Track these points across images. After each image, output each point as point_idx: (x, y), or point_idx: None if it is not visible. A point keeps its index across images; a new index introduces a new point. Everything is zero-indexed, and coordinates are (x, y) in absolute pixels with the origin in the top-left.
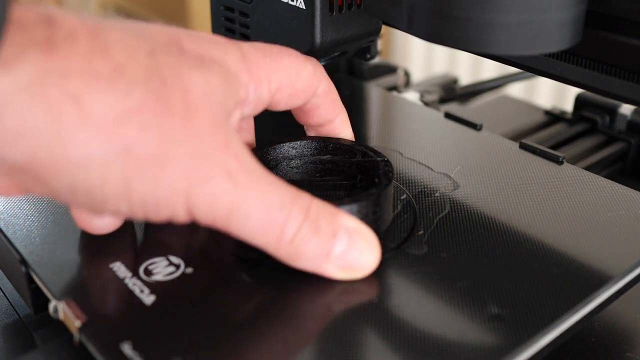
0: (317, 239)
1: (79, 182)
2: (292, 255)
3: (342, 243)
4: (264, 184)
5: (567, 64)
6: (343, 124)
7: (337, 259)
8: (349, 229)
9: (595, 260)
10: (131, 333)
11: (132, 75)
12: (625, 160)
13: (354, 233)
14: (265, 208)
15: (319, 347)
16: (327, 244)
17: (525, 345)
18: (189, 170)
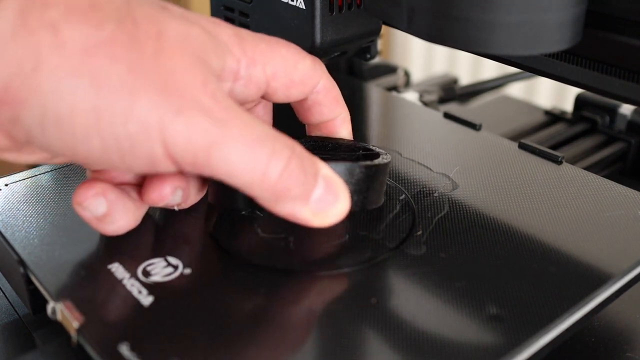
0: (303, 178)
1: (49, 111)
2: (276, 194)
3: (320, 188)
4: (244, 119)
5: (567, 64)
6: (343, 123)
7: (315, 203)
8: (325, 176)
9: (594, 260)
10: (129, 334)
11: (106, 12)
12: (625, 160)
13: (329, 180)
14: (249, 142)
15: (319, 348)
16: (310, 185)
17: (524, 345)
18: (160, 102)
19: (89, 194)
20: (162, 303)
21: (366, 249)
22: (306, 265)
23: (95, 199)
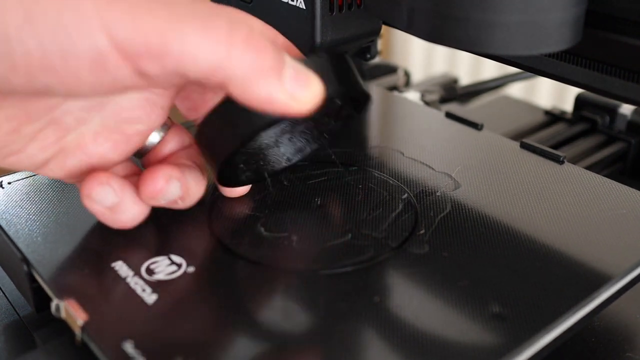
0: (270, 47)
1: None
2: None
3: (289, 69)
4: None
5: (567, 64)
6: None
7: (289, 83)
8: (292, 64)
9: (596, 259)
10: (133, 332)
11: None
12: (625, 160)
13: (294, 64)
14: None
15: (320, 347)
16: (279, 57)
17: (526, 344)
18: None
19: (95, 184)
20: (165, 301)
21: (369, 248)
22: (309, 264)
23: (102, 188)
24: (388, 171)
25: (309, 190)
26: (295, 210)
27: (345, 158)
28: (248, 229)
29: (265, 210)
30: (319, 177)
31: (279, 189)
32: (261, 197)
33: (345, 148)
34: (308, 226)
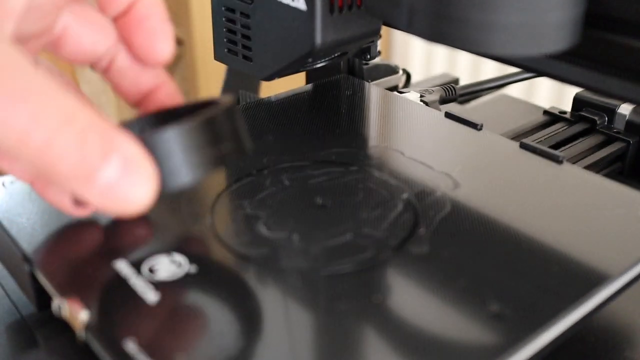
0: (78, 157)
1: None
2: (40, 167)
3: (113, 169)
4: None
5: (566, 64)
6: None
7: (103, 188)
8: (125, 157)
9: (595, 259)
10: (135, 331)
11: None
12: (624, 160)
13: (131, 163)
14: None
15: (321, 346)
16: (90, 166)
17: (525, 344)
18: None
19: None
20: (167, 300)
21: (369, 248)
22: (310, 263)
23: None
24: (388, 171)
25: (310, 190)
26: (296, 210)
27: (345, 158)
28: (249, 228)
29: (266, 209)
30: (320, 177)
31: (280, 188)
32: (262, 196)
33: (345, 148)
34: (309, 225)
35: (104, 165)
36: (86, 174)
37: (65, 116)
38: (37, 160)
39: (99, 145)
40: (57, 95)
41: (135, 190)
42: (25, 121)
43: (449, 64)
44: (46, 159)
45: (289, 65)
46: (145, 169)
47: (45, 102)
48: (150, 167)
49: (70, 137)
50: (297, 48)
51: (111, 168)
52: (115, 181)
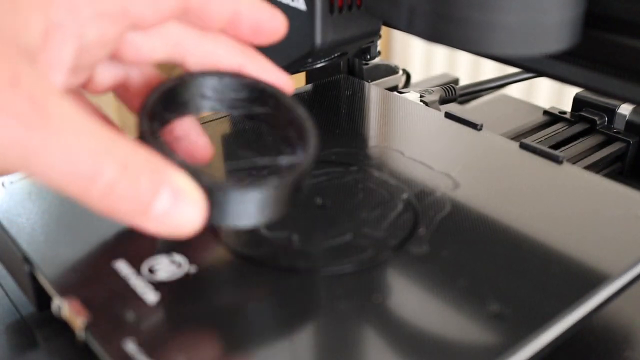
0: (134, 197)
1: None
2: (104, 209)
3: (164, 202)
4: (69, 128)
5: (566, 64)
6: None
7: (158, 218)
8: (174, 189)
9: (595, 259)
10: (135, 331)
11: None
12: (624, 160)
13: (180, 193)
14: (70, 157)
15: (321, 346)
16: (145, 202)
17: (525, 344)
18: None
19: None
20: (167, 301)
21: (369, 248)
22: (309, 264)
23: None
24: (388, 171)
25: (309, 190)
26: (296, 210)
27: (345, 158)
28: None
29: None
30: (319, 177)
31: None
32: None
33: (345, 148)
34: (308, 226)
35: (156, 200)
36: (142, 210)
37: (122, 162)
38: (99, 205)
39: (150, 182)
40: (112, 143)
41: (185, 217)
42: (87, 173)
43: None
44: (107, 203)
45: (289, 65)
46: (193, 196)
47: (104, 152)
48: (196, 193)
49: (127, 182)
50: (297, 48)
51: (162, 200)
52: (167, 211)
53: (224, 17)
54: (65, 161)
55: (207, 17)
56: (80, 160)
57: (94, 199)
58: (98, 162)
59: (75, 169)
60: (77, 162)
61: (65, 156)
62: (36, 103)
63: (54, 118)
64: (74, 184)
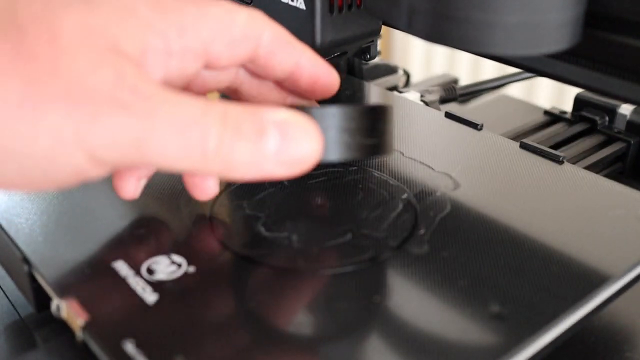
0: (244, 143)
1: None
2: (225, 168)
3: (274, 139)
4: (168, 104)
5: (566, 64)
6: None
7: (276, 156)
8: (277, 122)
9: (595, 259)
10: (134, 332)
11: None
12: (624, 160)
13: (284, 125)
14: (177, 128)
15: (320, 347)
16: (256, 145)
17: (525, 344)
18: (70, 111)
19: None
20: (166, 301)
21: (369, 248)
22: (309, 264)
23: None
24: (388, 171)
25: (309, 190)
26: (296, 210)
27: None
28: (248, 228)
29: (266, 210)
30: (319, 177)
31: (279, 188)
32: (261, 197)
33: None
34: (308, 226)
35: (265, 139)
36: (257, 155)
37: (221, 117)
38: (217, 167)
39: (253, 124)
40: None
41: (301, 147)
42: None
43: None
44: (222, 160)
45: None
46: (301, 125)
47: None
48: (304, 121)
49: (231, 132)
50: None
51: (271, 138)
52: (281, 147)
53: (287, 69)
54: (175, 136)
55: (272, 67)
56: (186, 129)
57: (210, 162)
58: (202, 123)
59: (186, 140)
60: (184, 131)
61: (174, 131)
62: (139, 92)
63: (155, 100)
64: (189, 155)
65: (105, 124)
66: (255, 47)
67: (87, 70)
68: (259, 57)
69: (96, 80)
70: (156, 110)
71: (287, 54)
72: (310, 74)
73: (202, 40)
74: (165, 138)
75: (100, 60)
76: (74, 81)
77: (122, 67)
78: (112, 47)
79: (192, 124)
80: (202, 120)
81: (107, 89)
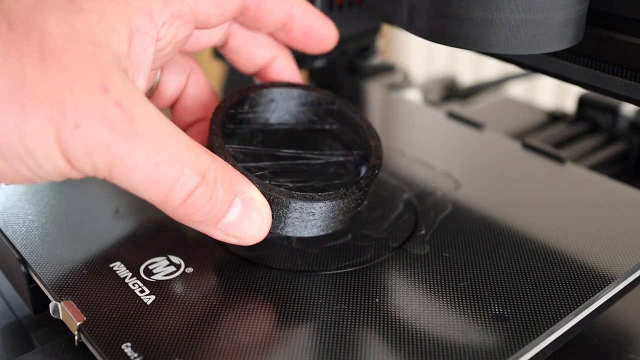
0: (210, 206)
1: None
2: (179, 216)
3: (234, 212)
4: (154, 135)
5: (569, 62)
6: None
7: (226, 227)
8: (245, 199)
9: (598, 260)
10: (131, 333)
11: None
12: (627, 160)
13: (250, 204)
14: (152, 164)
15: (321, 347)
16: (218, 212)
17: (527, 345)
18: (54, 116)
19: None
20: (164, 302)
21: (369, 249)
22: (309, 265)
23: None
24: (389, 171)
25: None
26: None
27: None
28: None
29: None
30: None
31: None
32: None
33: None
34: None
35: (228, 211)
36: (214, 218)
37: (200, 173)
38: (175, 212)
39: (227, 193)
40: (192, 153)
41: (251, 228)
42: (167, 181)
43: (450, 62)
44: (183, 210)
45: None
46: (261, 210)
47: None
48: (265, 207)
49: (204, 192)
50: None
51: (233, 212)
52: (236, 221)
53: (278, 19)
54: (147, 168)
55: (262, 18)
56: (161, 168)
57: (171, 206)
58: (178, 171)
59: (157, 177)
60: (158, 169)
61: (148, 163)
62: (124, 110)
63: (140, 124)
64: (155, 191)
65: (85, 135)
66: (243, 1)
67: (73, 75)
68: (249, 10)
69: (82, 87)
70: (140, 135)
71: (276, 3)
72: (302, 23)
73: (188, 4)
74: (138, 166)
75: (86, 65)
76: (61, 87)
77: (109, 72)
78: (97, 51)
79: (170, 165)
80: (180, 166)
81: (91, 99)
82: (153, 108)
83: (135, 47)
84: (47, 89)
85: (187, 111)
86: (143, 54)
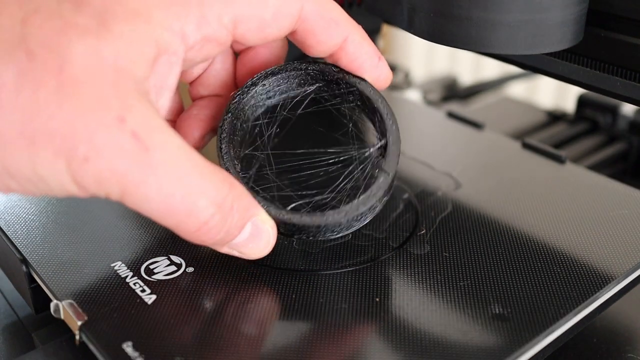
0: (223, 234)
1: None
2: (191, 239)
3: (244, 234)
4: (169, 165)
5: (568, 63)
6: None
7: (233, 246)
8: (256, 224)
9: (598, 259)
10: (132, 332)
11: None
12: (627, 160)
13: (260, 226)
14: (165, 195)
15: (321, 347)
16: (230, 237)
17: (527, 344)
18: (63, 149)
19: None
20: (165, 301)
21: (370, 248)
22: (310, 264)
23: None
24: None
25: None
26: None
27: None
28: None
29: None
30: None
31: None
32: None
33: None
34: None
35: (238, 235)
36: (224, 242)
37: (216, 203)
38: (189, 236)
39: (239, 221)
40: (208, 182)
41: (258, 247)
42: (182, 211)
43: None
44: (198, 235)
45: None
46: (269, 232)
47: (199, 192)
48: (273, 227)
49: (219, 219)
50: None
51: (243, 234)
52: (243, 242)
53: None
54: (159, 198)
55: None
56: (174, 199)
57: (186, 232)
58: (193, 202)
59: (170, 207)
60: (171, 201)
61: (161, 194)
62: (140, 140)
63: (155, 154)
64: (168, 218)
65: (95, 168)
66: (290, 26)
67: (88, 108)
68: (295, 34)
69: (96, 120)
70: (154, 166)
71: (328, 34)
72: (353, 61)
73: (226, 26)
74: (151, 197)
75: (103, 96)
76: (73, 119)
77: (128, 101)
78: (118, 78)
79: (184, 197)
80: (195, 198)
81: (105, 131)
82: (171, 134)
83: (161, 66)
84: (60, 123)
85: (205, 86)
86: (168, 74)
